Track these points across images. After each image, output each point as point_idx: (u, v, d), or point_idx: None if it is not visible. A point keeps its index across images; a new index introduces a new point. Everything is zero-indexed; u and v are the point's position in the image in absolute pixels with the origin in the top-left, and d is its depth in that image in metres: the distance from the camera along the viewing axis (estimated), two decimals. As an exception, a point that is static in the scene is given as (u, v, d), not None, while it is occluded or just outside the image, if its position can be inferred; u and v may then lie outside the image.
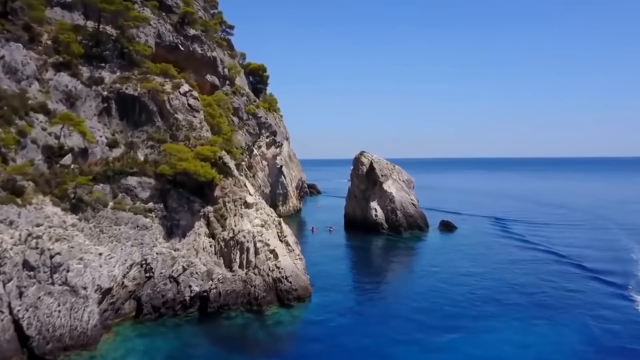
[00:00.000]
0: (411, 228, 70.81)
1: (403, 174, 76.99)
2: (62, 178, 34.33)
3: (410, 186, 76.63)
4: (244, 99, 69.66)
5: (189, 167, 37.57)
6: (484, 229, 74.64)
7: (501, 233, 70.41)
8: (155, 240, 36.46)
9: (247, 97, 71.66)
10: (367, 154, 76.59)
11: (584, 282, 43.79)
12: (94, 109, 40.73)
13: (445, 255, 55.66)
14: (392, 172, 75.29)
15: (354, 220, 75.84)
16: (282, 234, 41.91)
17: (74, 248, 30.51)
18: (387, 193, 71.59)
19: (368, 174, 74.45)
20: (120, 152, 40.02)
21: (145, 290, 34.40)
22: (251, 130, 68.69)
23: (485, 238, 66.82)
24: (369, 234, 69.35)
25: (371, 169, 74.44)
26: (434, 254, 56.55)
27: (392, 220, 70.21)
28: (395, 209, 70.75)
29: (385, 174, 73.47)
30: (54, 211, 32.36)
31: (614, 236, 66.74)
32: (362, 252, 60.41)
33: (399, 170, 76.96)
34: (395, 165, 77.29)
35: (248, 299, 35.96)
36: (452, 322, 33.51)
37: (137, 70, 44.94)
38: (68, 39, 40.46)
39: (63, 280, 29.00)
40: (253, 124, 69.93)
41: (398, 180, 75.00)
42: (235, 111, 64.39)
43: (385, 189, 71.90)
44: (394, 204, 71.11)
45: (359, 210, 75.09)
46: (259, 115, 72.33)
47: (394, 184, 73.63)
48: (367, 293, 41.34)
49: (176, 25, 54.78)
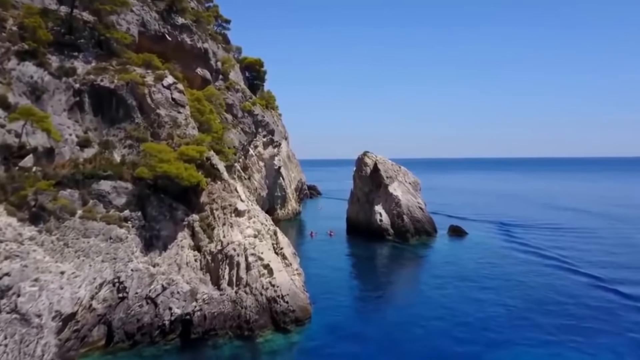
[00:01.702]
0: (419, 234, 65.90)
1: (409, 176, 72.06)
2: (21, 183, 29.42)
3: (417, 188, 71.70)
4: (239, 95, 64.75)
5: (170, 170, 32.69)
6: (495, 235, 69.66)
7: (514, 240, 65.43)
8: (130, 254, 31.55)
9: (243, 93, 66.72)
10: (371, 154, 71.69)
11: (611, 299, 38.91)
12: (63, 104, 35.80)
13: (456, 265, 50.74)
14: (398, 173, 70.38)
15: (357, 225, 70.92)
16: (277, 245, 36.99)
17: (27, 267, 25.58)
18: (393, 196, 66.69)
19: (372, 176, 69.55)
20: (93, 152, 35.11)
21: (118, 313, 29.51)
22: (247, 129, 63.78)
23: (497, 245, 61.88)
24: (374, 240, 64.46)
25: (375, 170, 69.56)
26: (444, 264, 51.58)
27: (398, 225, 65.28)
28: (402, 213, 65.82)
29: (391, 176, 68.56)
30: (8, 222, 27.40)
31: (637, 243, 61.87)
32: (366, 262, 55.42)
33: (405, 171, 72.04)
34: (401, 166, 72.38)
35: (238, 323, 31.07)
36: (466, 349, 28.77)
37: (115, 60, 40.02)
38: (34, 23, 35.52)
39: (12, 307, 24.06)
40: (249, 122, 65.02)
41: (404, 183, 70.09)
42: (229, 108, 59.45)
43: (391, 192, 67.00)
44: (400, 208, 66.18)
45: (363, 215, 70.17)
46: (255, 113, 67.39)
47: (399, 187, 68.73)
48: (372, 313, 36.44)
49: (163, 13, 49.81)
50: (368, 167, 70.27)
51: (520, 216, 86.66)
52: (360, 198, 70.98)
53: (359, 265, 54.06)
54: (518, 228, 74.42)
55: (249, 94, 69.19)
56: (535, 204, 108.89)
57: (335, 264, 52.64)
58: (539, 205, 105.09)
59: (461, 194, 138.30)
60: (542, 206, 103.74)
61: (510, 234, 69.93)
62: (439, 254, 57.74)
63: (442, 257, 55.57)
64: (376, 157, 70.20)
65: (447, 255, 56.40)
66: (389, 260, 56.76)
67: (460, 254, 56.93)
